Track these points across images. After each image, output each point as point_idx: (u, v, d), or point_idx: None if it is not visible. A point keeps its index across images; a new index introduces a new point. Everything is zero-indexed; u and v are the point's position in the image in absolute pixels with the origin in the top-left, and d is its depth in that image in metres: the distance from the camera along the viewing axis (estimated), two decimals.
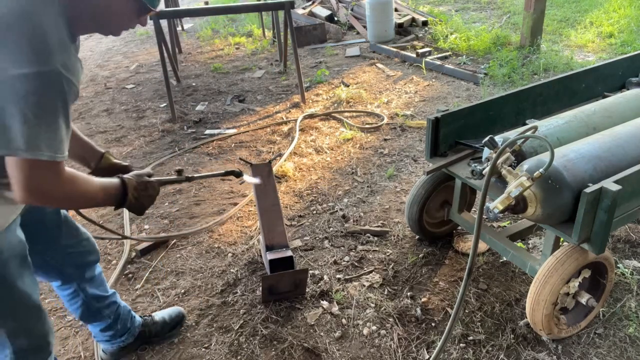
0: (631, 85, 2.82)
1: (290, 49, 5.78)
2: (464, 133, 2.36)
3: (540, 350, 1.99)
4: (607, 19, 6.68)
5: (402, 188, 3.25)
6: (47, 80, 1.08)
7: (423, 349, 2.03)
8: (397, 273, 2.47)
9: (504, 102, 2.45)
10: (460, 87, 5.00)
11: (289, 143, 4.00)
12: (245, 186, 3.36)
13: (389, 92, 5.03)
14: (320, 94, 5.09)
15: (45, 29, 1.10)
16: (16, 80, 1.05)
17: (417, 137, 3.98)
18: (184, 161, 3.84)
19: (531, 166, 1.78)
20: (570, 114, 2.28)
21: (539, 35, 5.78)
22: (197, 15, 5.72)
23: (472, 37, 6.32)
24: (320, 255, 2.64)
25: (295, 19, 7.59)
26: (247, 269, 2.55)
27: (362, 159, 3.68)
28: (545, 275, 1.83)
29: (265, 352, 2.06)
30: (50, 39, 1.10)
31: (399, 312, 2.22)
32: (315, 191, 3.28)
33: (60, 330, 2.24)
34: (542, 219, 1.81)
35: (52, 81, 1.09)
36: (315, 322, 2.20)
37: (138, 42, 8.11)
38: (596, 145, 1.93)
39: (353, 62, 6.12)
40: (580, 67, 4.28)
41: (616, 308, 2.16)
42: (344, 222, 2.91)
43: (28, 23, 1.08)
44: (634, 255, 2.47)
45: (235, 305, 2.32)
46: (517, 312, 2.18)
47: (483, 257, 2.52)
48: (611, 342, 2.01)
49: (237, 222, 2.99)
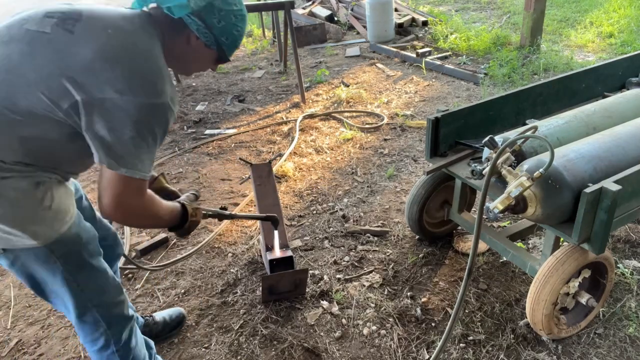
0: (631, 85, 2.82)
1: (290, 49, 5.78)
2: (464, 133, 2.36)
3: (540, 350, 1.99)
4: (607, 19, 6.68)
5: (402, 188, 3.25)
6: (157, 111, 1.25)
7: (423, 349, 2.03)
8: (397, 273, 2.47)
9: (504, 102, 2.45)
10: (460, 87, 5.00)
11: (289, 143, 4.00)
12: (245, 186, 3.36)
13: (389, 92, 5.03)
14: (320, 94, 5.09)
15: (160, 65, 1.27)
16: (131, 106, 1.19)
17: (417, 137, 3.98)
18: (184, 161, 3.84)
19: (531, 166, 1.78)
20: (570, 114, 2.28)
21: (539, 35, 5.78)
22: None
23: (472, 37, 6.33)
24: (320, 255, 2.64)
25: (295, 19, 7.59)
26: (247, 269, 2.55)
27: (362, 159, 3.68)
28: (545, 275, 1.83)
29: (265, 352, 2.06)
30: (164, 75, 1.27)
31: (399, 312, 2.22)
32: (315, 191, 3.28)
33: (60, 330, 2.24)
34: (542, 219, 1.81)
35: (161, 112, 1.26)
36: (315, 322, 2.20)
37: None
38: (596, 145, 1.93)
39: (353, 62, 6.12)
40: (580, 67, 4.28)
41: (616, 308, 2.16)
42: (344, 222, 2.91)
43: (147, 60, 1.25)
44: (634, 255, 2.47)
45: (235, 305, 2.32)
46: (517, 312, 2.18)
47: (483, 257, 2.52)
48: (611, 342, 2.01)
49: (237, 221, 2.99)
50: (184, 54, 1.41)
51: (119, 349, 1.61)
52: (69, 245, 1.38)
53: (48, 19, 1.23)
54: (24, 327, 2.27)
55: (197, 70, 1.54)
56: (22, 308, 2.39)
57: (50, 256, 1.34)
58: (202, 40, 1.38)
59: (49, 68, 1.18)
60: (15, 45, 1.20)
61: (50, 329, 2.25)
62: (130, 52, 1.23)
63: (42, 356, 2.11)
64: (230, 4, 1.37)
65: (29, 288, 1.44)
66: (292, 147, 3.87)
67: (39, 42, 1.20)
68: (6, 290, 2.52)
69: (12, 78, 1.18)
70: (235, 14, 1.39)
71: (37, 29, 1.21)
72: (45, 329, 2.25)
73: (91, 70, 1.18)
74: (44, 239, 1.31)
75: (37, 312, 2.35)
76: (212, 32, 1.37)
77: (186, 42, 1.38)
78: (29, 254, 1.33)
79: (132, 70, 1.21)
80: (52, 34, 1.20)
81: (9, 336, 2.23)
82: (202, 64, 1.49)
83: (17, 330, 2.25)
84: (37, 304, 2.40)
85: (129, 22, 1.30)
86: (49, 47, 1.19)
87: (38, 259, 1.34)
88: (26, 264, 1.36)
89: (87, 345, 1.60)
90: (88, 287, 1.46)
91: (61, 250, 1.36)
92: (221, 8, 1.35)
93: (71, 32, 1.21)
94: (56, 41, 1.20)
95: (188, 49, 1.40)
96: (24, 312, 2.36)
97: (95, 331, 1.55)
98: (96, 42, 1.20)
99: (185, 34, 1.37)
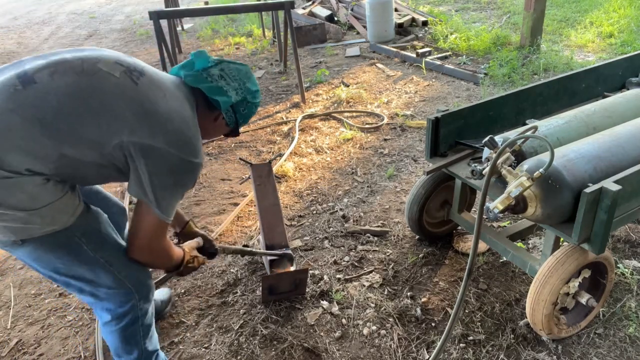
0: (631, 85, 2.82)
1: (290, 49, 5.78)
2: (464, 133, 2.36)
3: (540, 350, 1.99)
4: (607, 19, 6.68)
5: (402, 188, 3.25)
6: (192, 168, 1.47)
7: (423, 349, 2.03)
8: (397, 273, 2.47)
9: (504, 102, 2.45)
10: (460, 87, 5.00)
11: (289, 143, 4.00)
12: (245, 186, 3.36)
13: (389, 92, 5.03)
14: (320, 94, 5.09)
15: (198, 130, 1.52)
16: (175, 159, 1.41)
17: (417, 137, 3.98)
18: None
19: (531, 166, 1.78)
20: (570, 114, 2.28)
21: (539, 35, 5.78)
22: (197, 15, 5.72)
23: (472, 37, 6.33)
24: (320, 255, 2.64)
25: (295, 19, 7.59)
26: (247, 269, 2.55)
27: (362, 159, 3.68)
28: (545, 275, 1.83)
29: (265, 352, 2.06)
30: (200, 139, 1.52)
31: (399, 312, 2.22)
32: (315, 191, 3.28)
33: (60, 330, 2.24)
34: (542, 219, 1.81)
35: (194, 170, 1.49)
36: (315, 322, 2.20)
37: (138, 42, 8.11)
38: (596, 145, 1.93)
39: (353, 62, 6.12)
40: (580, 67, 4.28)
41: (616, 308, 2.16)
42: (344, 222, 2.91)
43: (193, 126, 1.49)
44: (634, 255, 2.47)
45: (235, 305, 2.32)
46: (517, 312, 2.18)
47: (483, 257, 2.52)
48: (611, 342, 2.01)
49: (237, 222, 2.99)
50: (208, 126, 1.65)
51: (143, 324, 1.69)
52: (88, 224, 1.49)
53: (118, 65, 1.42)
54: (24, 327, 2.27)
55: (211, 138, 1.84)
56: (22, 308, 2.39)
57: (72, 238, 1.44)
58: (226, 120, 1.66)
59: (111, 105, 1.35)
60: (86, 78, 1.36)
61: (50, 329, 2.25)
62: (179, 115, 1.45)
63: (42, 356, 2.11)
64: (256, 98, 1.69)
65: (49, 278, 1.51)
66: (292, 147, 3.87)
67: (107, 82, 1.37)
68: (6, 290, 2.52)
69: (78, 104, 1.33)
70: (257, 104, 1.71)
71: (109, 71, 1.39)
72: (45, 329, 2.25)
73: (147, 120, 1.38)
74: (62, 223, 1.40)
75: (37, 312, 2.35)
76: (236, 116, 1.67)
77: (214, 119, 1.65)
78: (49, 240, 1.40)
79: (180, 130, 1.43)
80: (120, 79, 1.39)
81: (9, 336, 2.23)
82: (217, 134, 1.76)
83: (17, 330, 2.25)
84: (37, 304, 2.40)
85: (177, 89, 1.52)
86: (117, 89, 1.37)
87: (59, 242, 1.42)
88: (48, 250, 1.42)
89: (112, 324, 1.64)
90: (114, 261, 1.54)
91: (80, 229, 1.45)
92: (249, 102, 1.66)
93: (136, 83, 1.41)
94: (123, 86, 1.39)
95: (213, 124, 1.66)
96: (24, 312, 2.36)
97: (125, 303, 1.61)
98: (155, 98, 1.41)
99: (216, 114, 1.63)
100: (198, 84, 1.56)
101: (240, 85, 1.62)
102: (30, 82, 1.31)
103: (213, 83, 1.57)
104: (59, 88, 1.31)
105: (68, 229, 1.42)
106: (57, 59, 1.38)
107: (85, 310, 2.34)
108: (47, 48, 8.13)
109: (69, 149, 1.32)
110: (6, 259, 2.76)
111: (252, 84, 1.67)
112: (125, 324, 1.64)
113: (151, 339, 1.77)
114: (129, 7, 11.99)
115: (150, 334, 1.76)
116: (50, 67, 1.34)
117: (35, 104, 1.29)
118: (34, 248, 1.40)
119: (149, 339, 1.76)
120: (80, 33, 9.23)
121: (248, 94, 1.64)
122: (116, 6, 12.22)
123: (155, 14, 4.41)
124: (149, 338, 1.75)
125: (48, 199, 1.34)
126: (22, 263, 2.70)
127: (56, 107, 1.30)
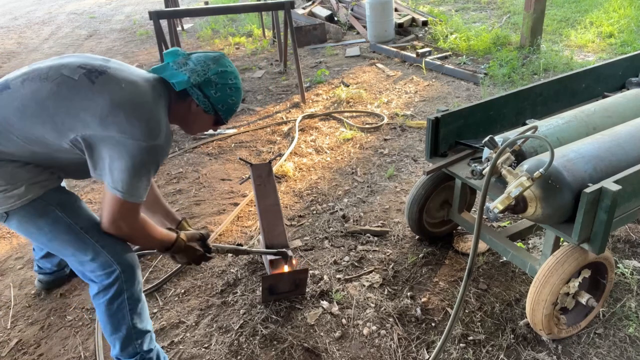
0: (631, 85, 2.82)
1: (290, 49, 5.78)
2: (464, 133, 2.36)
3: (540, 350, 1.99)
4: (607, 19, 6.67)
5: (402, 188, 3.25)
6: (153, 151, 1.52)
7: (423, 349, 2.03)
8: (397, 273, 2.47)
9: (504, 102, 2.45)
10: (460, 87, 5.00)
11: (289, 143, 4.00)
12: (245, 186, 3.36)
13: (389, 92, 5.03)
14: (320, 94, 5.09)
15: (158, 115, 1.56)
16: (133, 147, 1.47)
17: (417, 137, 3.98)
18: (184, 161, 3.84)
19: (531, 166, 1.78)
20: (570, 114, 2.28)
21: (539, 35, 5.78)
22: (197, 15, 5.73)
23: (472, 37, 6.32)
24: (320, 255, 2.64)
25: (295, 19, 7.59)
26: (247, 269, 2.55)
27: (362, 159, 3.68)
28: (545, 275, 1.83)
29: (265, 352, 2.06)
30: (161, 124, 1.55)
31: (399, 312, 2.22)
32: (315, 191, 3.28)
33: (60, 330, 2.24)
34: (542, 219, 1.81)
35: (154, 151, 1.52)
36: (315, 322, 2.20)
37: (138, 42, 8.11)
38: (596, 145, 1.93)
39: (353, 62, 6.12)
40: (580, 67, 4.28)
41: (616, 308, 2.16)
42: (344, 222, 2.91)
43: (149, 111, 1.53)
44: (634, 255, 2.47)
45: (235, 305, 2.32)
46: (517, 312, 2.18)
47: (483, 257, 2.52)
48: (611, 342, 2.01)
49: (237, 222, 2.99)
50: (186, 116, 1.71)
51: (129, 297, 1.72)
52: (62, 195, 1.66)
53: (80, 69, 1.53)
54: (24, 327, 2.27)
55: (199, 131, 1.83)
56: (22, 308, 2.39)
57: (48, 206, 1.59)
58: (202, 107, 1.67)
59: (66, 106, 1.47)
60: (47, 83, 1.50)
61: (50, 329, 2.25)
62: (132, 102, 1.50)
63: (42, 356, 2.11)
64: (225, 79, 1.66)
65: (39, 243, 1.70)
66: (292, 147, 3.87)
67: (65, 85, 1.49)
68: (6, 290, 2.52)
69: (37, 107, 1.48)
70: (230, 86, 1.69)
71: (69, 75, 1.51)
72: (45, 329, 2.25)
73: (98, 113, 1.46)
74: (36, 193, 1.57)
75: (37, 312, 2.35)
76: (210, 101, 1.67)
77: (188, 107, 1.68)
78: (29, 210, 1.57)
79: (133, 116, 1.48)
80: (78, 80, 1.50)
81: (9, 336, 2.23)
82: (202, 125, 1.78)
83: (17, 330, 2.25)
84: (37, 304, 2.40)
85: (144, 80, 1.58)
86: (72, 90, 1.49)
87: (37, 211, 1.58)
88: (30, 222, 1.59)
89: (100, 296, 1.70)
90: (91, 230, 1.64)
91: (55, 199, 1.62)
92: (217, 82, 1.65)
93: (93, 82, 1.51)
94: (79, 87, 1.49)
95: (190, 113, 1.70)
96: (24, 312, 2.36)
97: (109, 275, 1.66)
98: (109, 92, 1.49)
99: (188, 101, 1.67)
100: (160, 72, 1.64)
101: (203, 67, 1.63)
102: (5, 87, 1.52)
103: (175, 70, 1.63)
104: (26, 94, 1.49)
105: (44, 198, 1.58)
106: (36, 67, 1.55)
107: (85, 310, 2.34)
108: (47, 48, 8.14)
109: (35, 146, 1.51)
110: (6, 259, 2.76)
111: (219, 65, 1.66)
112: (111, 296, 1.69)
113: (140, 316, 1.78)
114: (129, 7, 11.99)
115: (139, 311, 1.77)
116: (26, 74, 1.53)
117: (4, 106, 1.49)
118: (19, 221, 1.59)
119: (138, 316, 1.77)
120: (80, 33, 9.23)
121: (213, 74, 1.64)
122: (116, 6, 12.22)
123: (155, 14, 4.41)
124: (137, 314, 1.76)
125: (27, 176, 1.54)
126: (22, 263, 2.71)
127: (21, 109, 1.48)
